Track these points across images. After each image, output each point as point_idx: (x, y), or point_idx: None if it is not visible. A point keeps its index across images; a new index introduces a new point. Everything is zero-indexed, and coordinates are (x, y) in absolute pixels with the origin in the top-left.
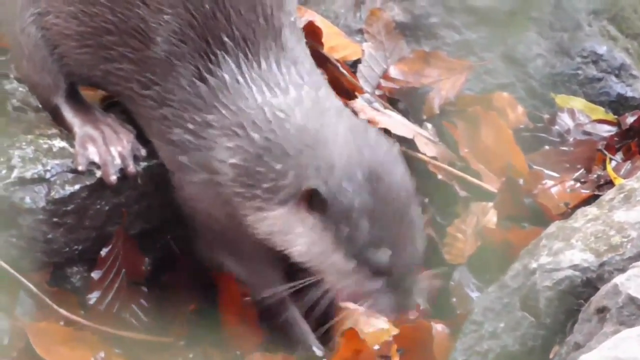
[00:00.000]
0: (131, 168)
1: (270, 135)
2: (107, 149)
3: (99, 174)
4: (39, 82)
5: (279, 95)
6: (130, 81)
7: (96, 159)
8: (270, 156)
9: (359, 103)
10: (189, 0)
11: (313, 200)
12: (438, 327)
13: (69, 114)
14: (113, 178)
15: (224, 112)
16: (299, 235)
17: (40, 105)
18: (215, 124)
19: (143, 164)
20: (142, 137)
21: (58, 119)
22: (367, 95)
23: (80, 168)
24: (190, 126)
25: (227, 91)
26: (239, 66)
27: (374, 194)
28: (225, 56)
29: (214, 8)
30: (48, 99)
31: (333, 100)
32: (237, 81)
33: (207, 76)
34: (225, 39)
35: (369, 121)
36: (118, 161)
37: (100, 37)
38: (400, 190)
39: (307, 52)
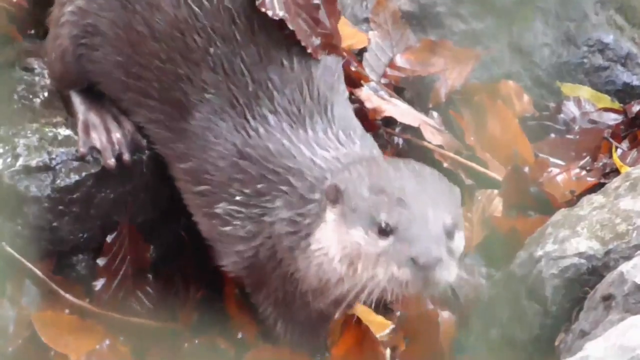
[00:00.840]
0: (126, 156)
1: (310, 174)
2: (108, 135)
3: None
4: (61, 73)
5: (331, 150)
6: (163, 145)
7: (97, 145)
8: (311, 188)
9: (364, 91)
10: (232, 81)
11: (334, 197)
12: (444, 315)
13: (77, 101)
14: (112, 161)
15: (271, 177)
16: (332, 242)
17: (46, 94)
18: (266, 191)
19: (148, 153)
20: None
21: (66, 104)
22: (373, 84)
23: (81, 150)
24: (238, 198)
25: (273, 157)
26: (283, 132)
27: (370, 174)
28: (268, 128)
29: (257, 89)
30: (63, 89)
31: (385, 164)
32: (283, 144)
33: (249, 151)
34: (267, 114)
35: (375, 110)
36: (116, 147)
37: (144, 98)
38: (412, 169)
39: (358, 122)
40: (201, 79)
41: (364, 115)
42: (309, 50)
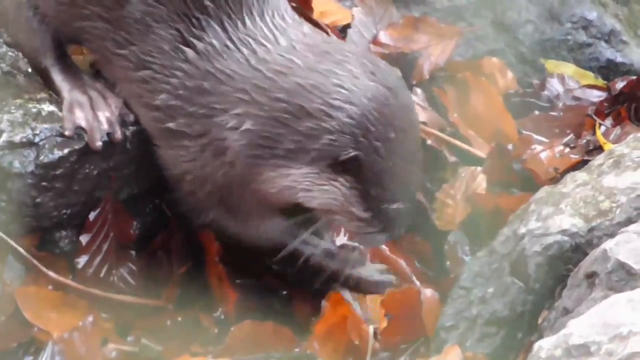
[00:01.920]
0: (118, 134)
1: (281, 95)
2: (94, 114)
3: (87, 138)
4: (27, 44)
5: (271, 49)
6: (104, 39)
7: (83, 124)
8: (289, 118)
9: None
10: None
11: (348, 165)
12: (427, 293)
13: (58, 77)
14: (98, 144)
15: (220, 77)
16: (324, 192)
17: (30, 70)
18: (212, 91)
19: (132, 129)
20: None
21: (47, 82)
22: None
23: (67, 133)
24: (181, 92)
25: (220, 56)
26: (224, 29)
27: (402, 156)
28: (209, 19)
29: None
30: (37, 61)
31: (317, 35)
32: (227, 46)
33: (193, 41)
34: (207, 1)
35: None
36: (105, 126)
37: None
38: (416, 145)
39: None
40: None
41: None
42: None
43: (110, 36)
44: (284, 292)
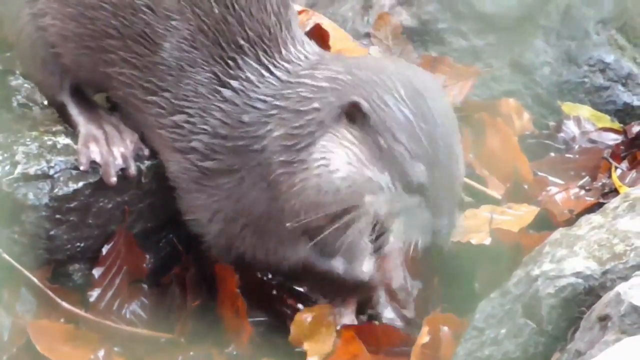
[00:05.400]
0: (132, 169)
1: (301, 89)
2: (109, 149)
3: (101, 173)
4: (43, 80)
5: (302, 63)
6: (133, 87)
7: (98, 159)
8: (306, 100)
9: None
10: (197, 6)
11: (353, 115)
12: (444, 329)
13: (74, 111)
14: (113, 179)
15: (257, 106)
16: (338, 155)
17: (45, 102)
18: (251, 121)
19: (147, 163)
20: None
21: (63, 115)
22: None
23: (81, 167)
24: (220, 131)
25: (257, 87)
26: (261, 63)
27: (415, 110)
28: (245, 58)
29: (224, 12)
30: (53, 97)
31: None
32: (262, 75)
33: (230, 81)
34: (241, 42)
35: None
36: (119, 161)
37: (101, 40)
38: (442, 114)
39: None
40: (162, 6)
41: None
42: None
43: (139, 83)
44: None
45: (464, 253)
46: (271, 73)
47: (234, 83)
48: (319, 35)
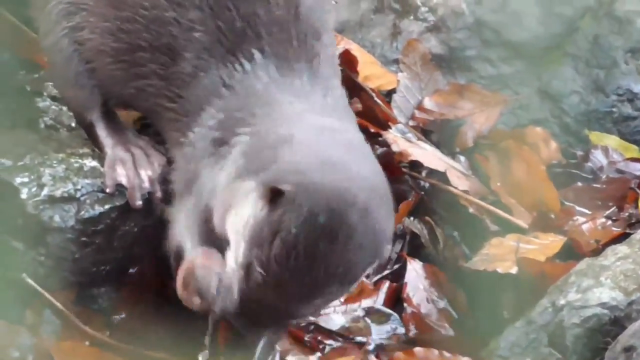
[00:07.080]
0: (159, 193)
1: (270, 131)
2: (136, 172)
3: (127, 196)
4: (74, 98)
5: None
6: (159, 97)
7: (124, 182)
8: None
9: (392, 134)
10: (220, 18)
11: (275, 196)
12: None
13: (102, 133)
14: (139, 203)
15: (252, 110)
16: (242, 208)
17: (73, 124)
18: (235, 122)
19: None
20: None
21: (92, 137)
22: (400, 126)
23: (107, 190)
24: (210, 122)
25: (255, 96)
26: (269, 76)
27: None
28: (255, 67)
29: (245, 27)
30: (83, 115)
31: (354, 134)
32: (266, 87)
33: (233, 83)
34: (256, 53)
35: (401, 153)
36: (146, 185)
37: (134, 53)
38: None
39: (344, 92)
40: (188, 18)
41: (389, 158)
42: None
43: (163, 92)
44: None
45: (489, 281)
46: (279, 91)
47: (236, 85)
48: (347, 61)
